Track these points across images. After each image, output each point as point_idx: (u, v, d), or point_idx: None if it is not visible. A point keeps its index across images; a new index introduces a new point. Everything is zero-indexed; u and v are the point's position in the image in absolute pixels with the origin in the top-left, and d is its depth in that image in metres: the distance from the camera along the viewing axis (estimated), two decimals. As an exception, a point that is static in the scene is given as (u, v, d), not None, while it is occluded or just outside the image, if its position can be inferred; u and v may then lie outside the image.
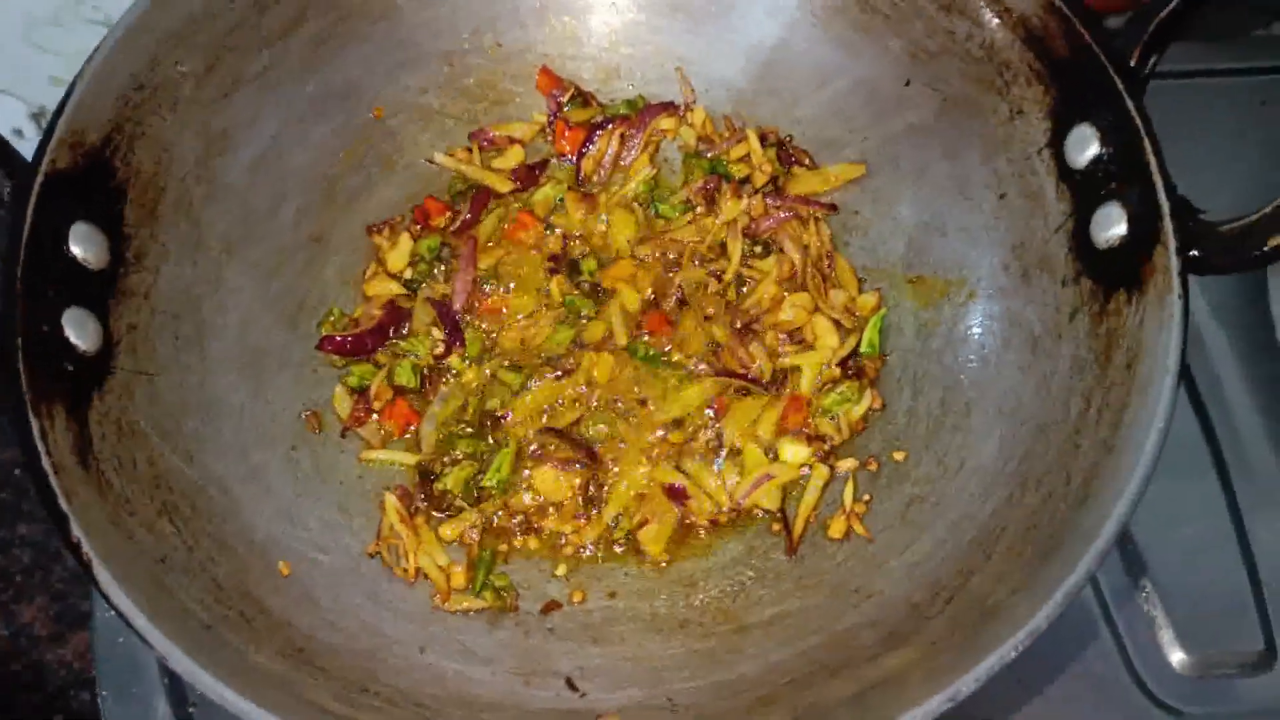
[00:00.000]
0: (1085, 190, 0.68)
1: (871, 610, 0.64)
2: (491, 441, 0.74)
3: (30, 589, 0.88)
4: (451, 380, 0.76)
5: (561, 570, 0.71)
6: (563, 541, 0.72)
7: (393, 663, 0.63)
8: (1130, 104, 0.64)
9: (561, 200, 0.82)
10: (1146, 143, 0.63)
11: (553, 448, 0.73)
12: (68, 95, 0.65)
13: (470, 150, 0.84)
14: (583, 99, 0.85)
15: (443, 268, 0.80)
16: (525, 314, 0.78)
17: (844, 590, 0.67)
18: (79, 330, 0.62)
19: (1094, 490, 0.57)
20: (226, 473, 0.67)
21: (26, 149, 1.03)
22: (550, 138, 0.85)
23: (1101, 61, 0.66)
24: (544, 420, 0.75)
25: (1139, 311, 0.61)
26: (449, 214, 0.82)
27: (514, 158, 0.84)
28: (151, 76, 0.69)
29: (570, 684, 0.64)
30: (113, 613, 0.75)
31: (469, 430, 0.75)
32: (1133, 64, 0.66)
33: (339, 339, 0.76)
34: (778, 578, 0.70)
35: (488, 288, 0.79)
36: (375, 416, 0.75)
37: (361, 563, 0.69)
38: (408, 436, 0.76)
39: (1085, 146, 0.67)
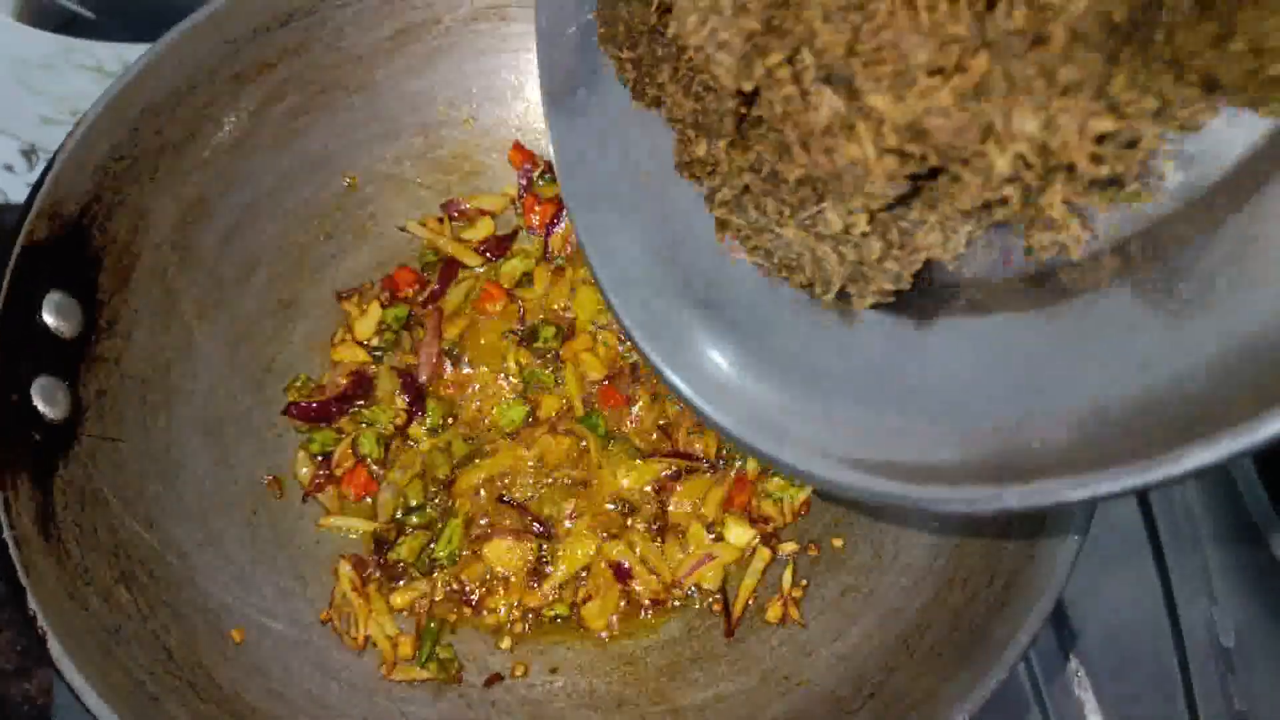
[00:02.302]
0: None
1: (798, 700, 0.66)
2: (443, 511, 0.77)
3: (-2, 623, 0.90)
4: (410, 449, 0.79)
5: (505, 644, 0.73)
6: (507, 615, 0.74)
7: (336, 734, 0.65)
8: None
9: (528, 274, 0.85)
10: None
11: (506, 521, 0.76)
12: (49, 167, 0.67)
13: (441, 220, 0.87)
14: (553, 174, 0.87)
15: (409, 337, 0.82)
16: (485, 385, 0.80)
17: (775, 676, 0.69)
18: (48, 400, 0.64)
19: (1012, 596, 0.59)
20: (186, 538, 0.69)
21: (16, 183, 1.06)
22: (520, 210, 0.87)
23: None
24: (497, 491, 0.77)
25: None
26: (418, 284, 0.84)
27: (484, 229, 0.86)
28: (132, 148, 0.71)
29: (506, 760, 0.66)
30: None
31: (423, 499, 0.77)
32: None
33: (305, 405, 0.78)
34: (714, 659, 0.72)
35: (451, 359, 0.81)
36: (335, 483, 0.77)
37: (312, 631, 0.71)
38: (366, 502, 0.78)
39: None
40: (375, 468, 0.78)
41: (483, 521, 0.76)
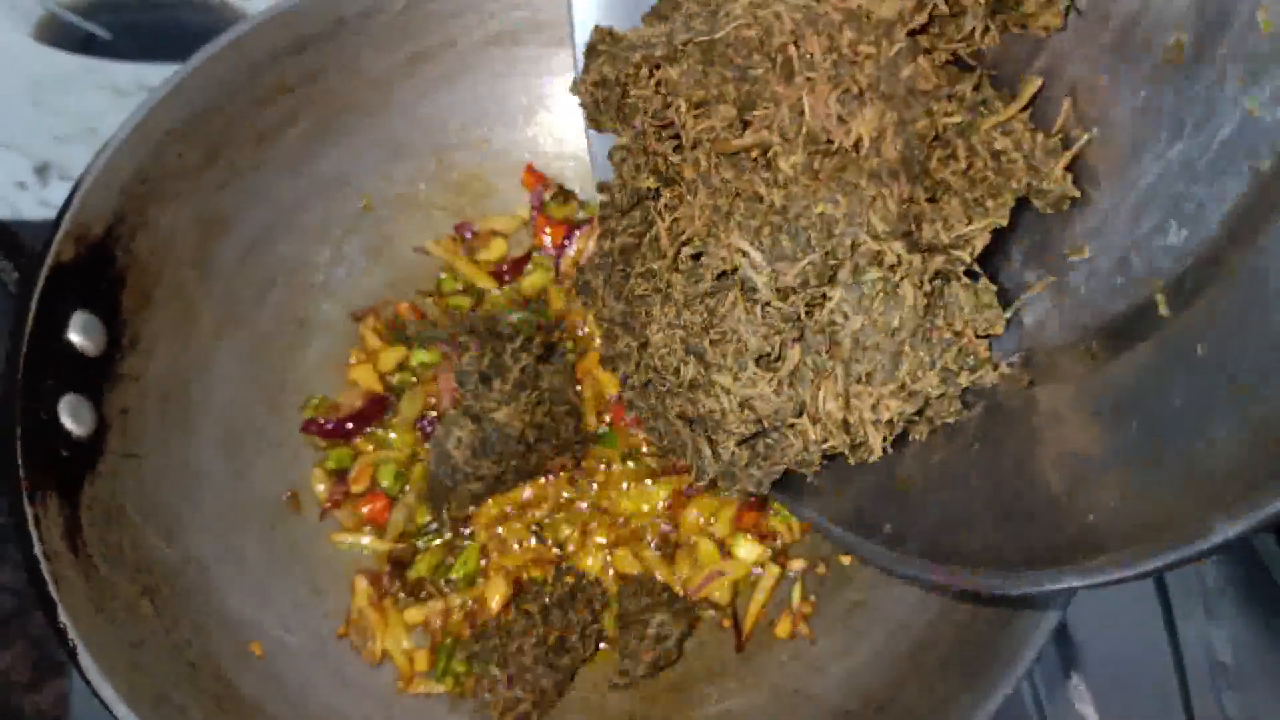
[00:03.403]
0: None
1: (807, 714, 0.68)
2: (457, 534, 0.78)
3: (10, 635, 0.90)
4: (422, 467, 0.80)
5: (520, 659, 0.75)
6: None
7: (354, 745, 0.66)
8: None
9: (543, 296, 0.86)
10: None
11: (516, 546, 0.77)
12: (75, 189, 0.69)
13: (455, 241, 0.88)
14: (564, 196, 0.89)
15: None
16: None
17: (784, 691, 0.70)
18: (74, 417, 0.66)
19: (1017, 613, 0.61)
20: (206, 553, 0.70)
21: (30, 199, 1.08)
22: (532, 231, 0.89)
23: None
24: (513, 518, 0.78)
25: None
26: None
27: (497, 250, 0.88)
28: (154, 170, 0.73)
29: (522, 770, 0.68)
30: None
31: (430, 518, 0.78)
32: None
33: (323, 422, 0.80)
34: (724, 675, 0.73)
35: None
36: (351, 500, 0.79)
37: (329, 644, 0.73)
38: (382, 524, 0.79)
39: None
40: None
41: (495, 554, 0.78)
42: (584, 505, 0.78)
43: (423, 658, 0.73)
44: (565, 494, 0.79)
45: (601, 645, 0.75)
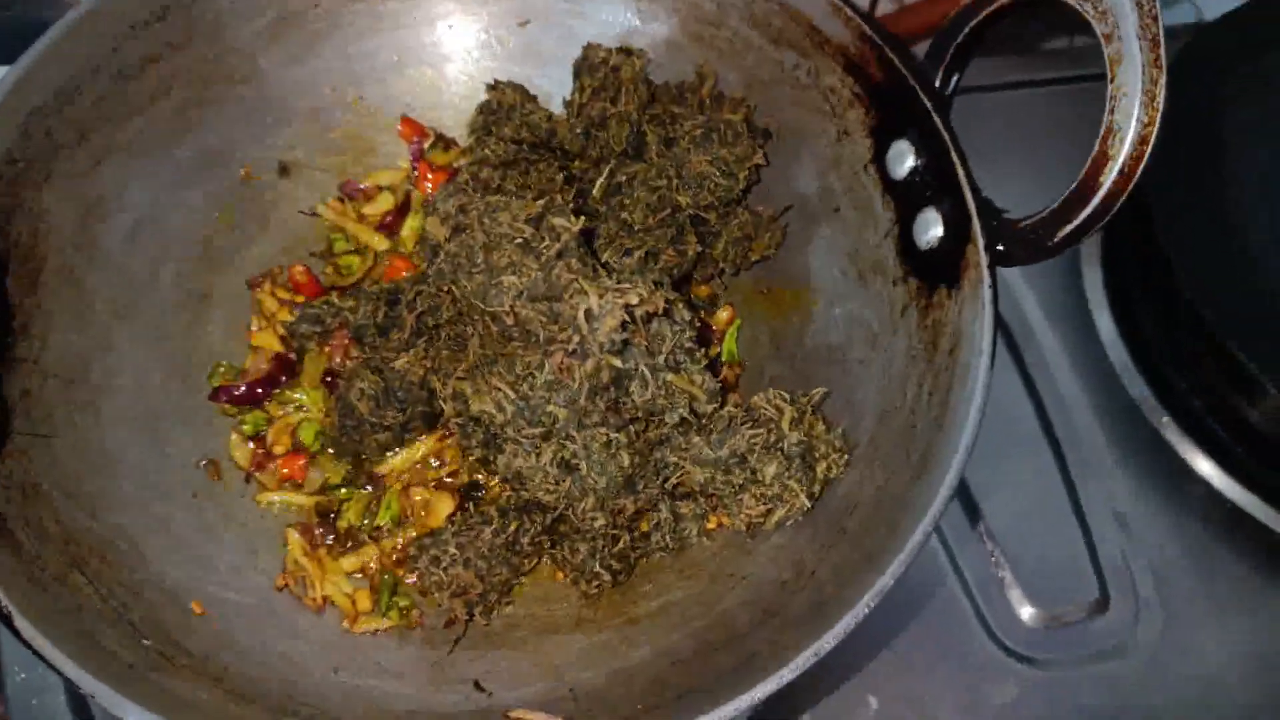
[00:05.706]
0: (906, 199, 0.75)
1: (746, 592, 0.70)
2: (375, 485, 0.79)
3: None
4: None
5: (462, 585, 0.75)
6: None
7: (310, 685, 0.66)
8: (937, 121, 0.71)
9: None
10: (954, 154, 0.70)
11: (429, 490, 0.78)
12: (-56, 175, 0.67)
13: (342, 201, 0.88)
14: (444, 143, 0.89)
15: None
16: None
17: (721, 576, 0.73)
18: (-25, 400, 0.64)
19: (928, 465, 0.64)
20: (131, 525, 0.69)
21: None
22: (414, 180, 0.89)
23: (910, 84, 0.73)
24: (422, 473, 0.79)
25: (958, 303, 0.69)
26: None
27: (384, 204, 0.88)
28: (24, 150, 0.71)
29: (478, 685, 0.68)
30: (24, 678, 0.78)
31: (341, 479, 0.79)
32: (937, 85, 0.74)
33: (231, 389, 0.79)
34: (661, 571, 0.75)
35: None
36: (274, 462, 0.78)
37: (271, 597, 0.73)
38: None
39: (903, 160, 0.74)
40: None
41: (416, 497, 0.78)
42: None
43: (365, 597, 0.73)
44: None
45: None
